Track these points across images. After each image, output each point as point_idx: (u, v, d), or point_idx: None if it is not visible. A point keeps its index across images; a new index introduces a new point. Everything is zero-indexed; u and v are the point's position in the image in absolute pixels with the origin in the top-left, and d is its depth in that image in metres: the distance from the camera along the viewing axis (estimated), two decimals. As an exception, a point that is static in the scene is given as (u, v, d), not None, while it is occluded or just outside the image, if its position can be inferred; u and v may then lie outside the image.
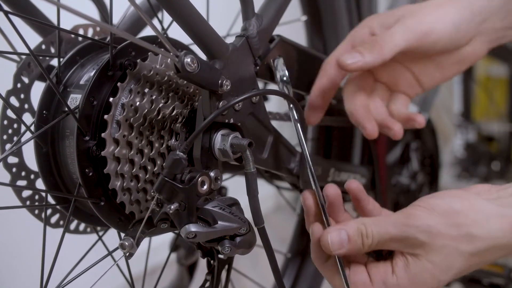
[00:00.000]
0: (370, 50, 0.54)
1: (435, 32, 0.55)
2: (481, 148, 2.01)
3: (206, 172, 0.46)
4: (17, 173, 0.53)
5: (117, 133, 0.47)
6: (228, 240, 0.47)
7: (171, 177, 0.43)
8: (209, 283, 0.52)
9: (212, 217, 0.45)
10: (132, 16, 0.64)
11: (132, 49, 0.50)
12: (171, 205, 0.43)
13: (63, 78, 0.51)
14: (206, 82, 0.45)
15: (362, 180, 0.80)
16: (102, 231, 0.60)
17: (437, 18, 0.56)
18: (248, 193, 0.48)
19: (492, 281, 1.16)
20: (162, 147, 0.51)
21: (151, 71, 0.49)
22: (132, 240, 0.46)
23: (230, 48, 0.49)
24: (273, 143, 0.56)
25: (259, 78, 0.55)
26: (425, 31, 0.55)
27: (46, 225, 0.53)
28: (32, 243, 0.80)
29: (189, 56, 0.42)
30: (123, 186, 0.48)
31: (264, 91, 0.51)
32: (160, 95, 0.50)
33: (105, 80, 0.47)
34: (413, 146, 1.05)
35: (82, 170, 0.46)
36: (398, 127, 0.60)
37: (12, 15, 0.46)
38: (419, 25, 0.55)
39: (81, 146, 0.46)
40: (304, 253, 0.93)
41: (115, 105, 0.47)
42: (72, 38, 0.56)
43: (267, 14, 0.53)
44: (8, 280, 1.23)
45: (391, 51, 0.54)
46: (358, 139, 0.91)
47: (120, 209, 0.50)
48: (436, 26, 0.55)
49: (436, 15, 0.56)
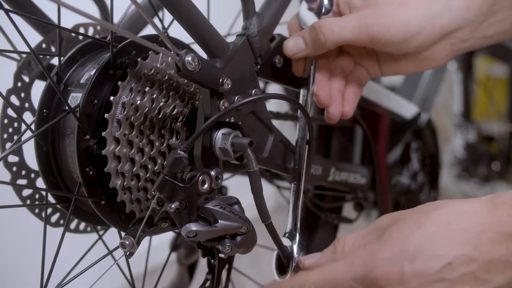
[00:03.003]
0: (314, 41, 0.54)
1: (385, 38, 0.53)
2: (481, 148, 2.01)
3: (207, 171, 0.46)
4: (17, 172, 0.53)
5: (118, 132, 0.47)
6: (228, 239, 0.47)
7: (172, 176, 0.43)
8: (210, 282, 0.52)
9: (213, 216, 0.45)
10: (132, 15, 0.64)
11: (132, 48, 0.50)
12: (172, 204, 0.43)
13: (64, 77, 0.51)
14: (206, 81, 0.45)
15: (362, 180, 0.80)
16: (102, 230, 0.60)
17: (397, 19, 0.53)
18: (252, 191, 0.47)
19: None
20: (162, 146, 0.51)
21: (152, 70, 0.49)
22: (133, 239, 0.46)
23: (231, 47, 0.49)
24: (274, 143, 0.56)
25: (260, 77, 0.55)
26: (375, 35, 0.53)
27: (46, 224, 0.53)
28: (32, 242, 0.80)
29: (190, 54, 0.42)
30: (124, 185, 0.48)
31: (269, 96, 0.52)
32: (160, 94, 0.50)
33: (106, 79, 0.47)
34: (413, 146, 1.05)
35: (83, 169, 0.46)
36: (335, 110, 0.58)
37: (13, 13, 0.46)
38: (372, 26, 0.53)
39: (82, 145, 0.46)
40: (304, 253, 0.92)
41: (116, 104, 0.47)
42: (72, 37, 0.56)
43: (268, 13, 0.53)
44: (8, 279, 1.23)
45: (334, 44, 0.54)
46: (358, 139, 0.91)
47: (121, 208, 0.49)
48: (390, 30, 0.53)
49: (399, 16, 0.53)
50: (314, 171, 0.67)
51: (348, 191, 0.82)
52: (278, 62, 0.56)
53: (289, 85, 0.60)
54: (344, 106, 0.59)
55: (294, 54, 0.55)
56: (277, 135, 0.56)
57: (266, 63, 0.55)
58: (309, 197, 0.82)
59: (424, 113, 1.08)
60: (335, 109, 0.58)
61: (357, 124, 0.82)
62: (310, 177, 0.67)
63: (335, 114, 0.58)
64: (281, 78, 0.58)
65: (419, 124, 1.07)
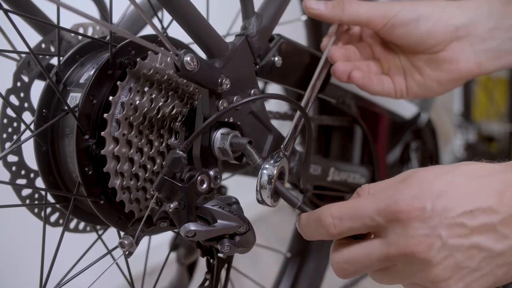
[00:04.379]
0: (333, 6, 0.59)
1: (397, 16, 0.57)
2: (481, 148, 2.01)
3: (206, 171, 0.46)
4: (16, 172, 0.53)
5: (117, 132, 0.47)
6: (227, 239, 0.47)
7: (171, 175, 0.43)
8: (209, 282, 0.52)
9: (212, 215, 0.45)
10: (132, 15, 0.64)
11: (132, 48, 0.50)
12: (171, 204, 0.43)
13: (63, 77, 0.51)
14: (205, 81, 0.45)
15: (361, 180, 0.80)
16: (101, 230, 0.60)
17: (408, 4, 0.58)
18: None
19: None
20: (161, 146, 0.51)
21: (151, 70, 0.49)
22: (132, 239, 0.46)
23: (230, 47, 0.49)
24: (273, 143, 0.56)
25: (259, 77, 0.55)
26: (387, 13, 0.57)
27: (45, 224, 0.53)
28: (32, 242, 0.80)
29: (188, 54, 0.42)
30: (123, 185, 0.48)
31: (267, 96, 0.51)
32: (159, 94, 0.50)
33: (105, 79, 0.47)
34: (413, 146, 1.05)
35: (82, 169, 0.46)
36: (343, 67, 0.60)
37: (12, 13, 0.46)
38: (384, 6, 0.58)
39: (81, 144, 0.46)
40: (304, 253, 0.93)
41: (115, 103, 0.47)
42: (72, 37, 0.56)
43: (267, 13, 0.53)
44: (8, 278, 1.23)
45: (350, 17, 0.59)
46: (358, 139, 0.91)
47: (120, 207, 0.50)
48: (401, 10, 0.57)
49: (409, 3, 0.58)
50: (313, 171, 0.67)
51: (347, 191, 0.82)
52: (277, 62, 0.56)
53: (288, 85, 0.60)
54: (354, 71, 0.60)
55: (310, 10, 0.60)
56: (276, 135, 0.56)
57: (265, 63, 0.55)
58: (308, 197, 0.82)
59: (424, 113, 1.08)
60: (342, 66, 0.59)
61: (356, 124, 0.82)
62: (309, 177, 0.67)
63: (341, 70, 0.59)
64: (280, 78, 0.58)
65: (419, 124, 1.07)
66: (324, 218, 0.43)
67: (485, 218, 0.39)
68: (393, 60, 0.62)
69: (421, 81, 0.60)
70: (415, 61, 0.60)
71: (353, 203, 0.43)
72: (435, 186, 0.40)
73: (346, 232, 0.42)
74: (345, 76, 0.59)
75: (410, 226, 0.39)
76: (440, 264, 0.39)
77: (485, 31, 0.57)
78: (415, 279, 0.41)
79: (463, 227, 0.39)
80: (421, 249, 0.39)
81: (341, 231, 0.42)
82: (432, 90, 0.61)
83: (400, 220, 0.39)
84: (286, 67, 0.58)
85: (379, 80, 0.61)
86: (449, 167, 0.42)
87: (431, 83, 0.60)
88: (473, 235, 0.39)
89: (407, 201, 0.39)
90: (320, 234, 0.44)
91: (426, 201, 0.39)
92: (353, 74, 0.59)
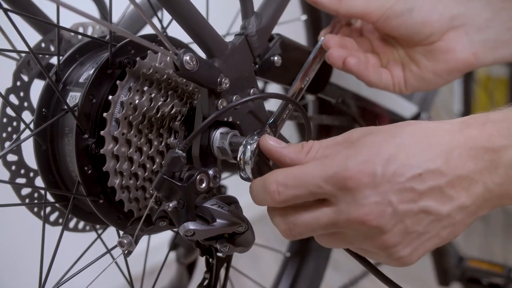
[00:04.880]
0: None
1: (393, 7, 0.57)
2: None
3: (205, 170, 0.46)
4: (16, 171, 0.53)
5: (116, 131, 0.47)
6: (226, 238, 0.47)
7: (170, 175, 0.43)
8: (208, 281, 0.52)
9: (211, 215, 0.45)
10: (131, 14, 0.64)
11: (131, 47, 0.50)
12: (170, 203, 0.43)
13: (63, 76, 0.51)
14: (205, 80, 0.45)
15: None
16: (101, 229, 0.60)
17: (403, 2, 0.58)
18: None
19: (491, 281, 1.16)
20: (161, 145, 0.51)
21: (150, 69, 0.49)
22: (131, 238, 0.46)
23: (229, 46, 0.49)
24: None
25: (259, 77, 0.55)
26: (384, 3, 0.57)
27: (45, 223, 0.53)
28: (31, 241, 0.80)
29: (188, 54, 0.42)
30: (122, 184, 0.48)
31: (267, 95, 0.51)
32: (159, 93, 0.50)
33: (104, 78, 0.47)
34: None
35: (81, 168, 0.46)
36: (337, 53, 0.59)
37: (12, 13, 0.46)
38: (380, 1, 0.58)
39: (80, 144, 0.46)
40: (304, 252, 0.93)
41: (114, 103, 0.47)
42: (71, 36, 0.56)
43: (267, 13, 0.54)
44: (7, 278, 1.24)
45: (346, 9, 0.58)
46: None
47: (119, 207, 0.50)
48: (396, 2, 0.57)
49: None
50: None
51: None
52: (276, 62, 0.56)
53: (287, 85, 0.60)
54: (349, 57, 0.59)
55: None
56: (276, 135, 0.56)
57: (264, 63, 0.55)
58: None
59: (424, 113, 1.08)
60: (337, 52, 0.59)
61: (356, 124, 0.82)
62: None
63: (335, 55, 0.59)
64: (279, 77, 0.58)
65: (419, 124, 1.07)
66: (268, 185, 0.41)
67: (433, 181, 0.38)
68: (391, 54, 0.62)
69: (418, 73, 0.60)
70: (412, 53, 0.60)
71: (299, 169, 0.41)
72: (385, 151, 0.39)
73: (291, 199, 0.41)
74: (340, 62, 0.58)
75: (361, 193, 0.38)
76: (391, 231, 0.39)
77: (481, 21, 0.56)
78: (364, 245, 0.41)
79: (413, 192, 0.38)
80: (372, 217, 0.38)
81: (285, 198, 0.41)
82: (429, 82, 0.60)
83: (350, 188, 0.38)
84: (285, 66, 0.58)
85: (377, 72, 0.60)
86: (395, 128, 0.41)
87: (427, 74, 0.60)
88: (421, 199, 0.38)
89: (356, 168, 0.38)
90: (266, 201, 0.42)
91: (376, 167, 0.38)
92: (348, 60, 0.58)
